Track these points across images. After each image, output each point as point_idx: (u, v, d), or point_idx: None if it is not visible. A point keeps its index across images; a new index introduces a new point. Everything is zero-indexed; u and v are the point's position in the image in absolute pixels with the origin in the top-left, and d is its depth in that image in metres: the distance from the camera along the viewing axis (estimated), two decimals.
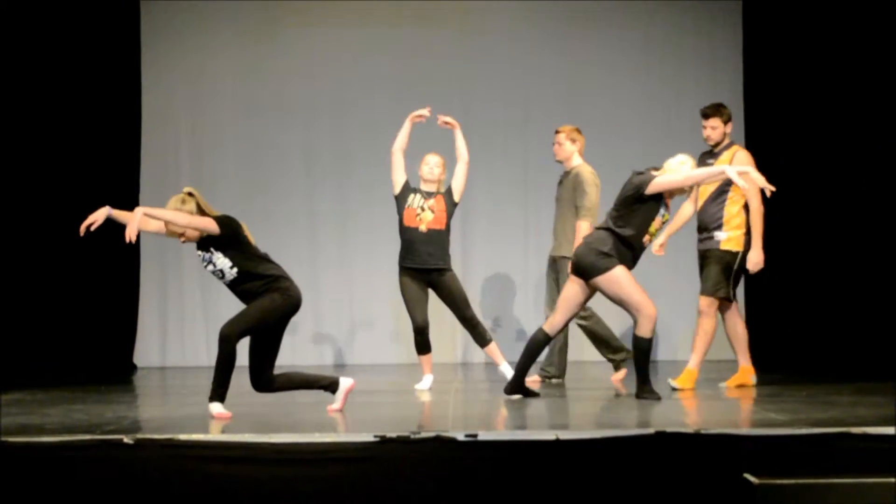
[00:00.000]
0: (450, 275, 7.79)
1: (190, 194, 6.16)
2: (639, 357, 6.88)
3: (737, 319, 7.71)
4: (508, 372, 7.78)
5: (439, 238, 7.73)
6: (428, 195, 7.78)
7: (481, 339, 7.85)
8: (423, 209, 7.72)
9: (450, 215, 7.78)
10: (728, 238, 7.48)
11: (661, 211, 6.87)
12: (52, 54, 9.94)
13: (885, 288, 9.66)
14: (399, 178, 7.86)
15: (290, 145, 10.58)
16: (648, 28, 10.58)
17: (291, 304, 6.20)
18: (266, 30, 10.56)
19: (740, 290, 10.45)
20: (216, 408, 6.14)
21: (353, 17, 10.52)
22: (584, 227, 7.95)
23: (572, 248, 7.98)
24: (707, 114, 7.62)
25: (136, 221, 5.93)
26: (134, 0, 10.48)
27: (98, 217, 6.02)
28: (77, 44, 10.08)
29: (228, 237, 6.14)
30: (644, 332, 6.80)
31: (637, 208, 6.80)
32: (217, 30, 10.59)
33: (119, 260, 10.36)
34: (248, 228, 6.29)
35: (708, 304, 7.52)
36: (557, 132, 8.25)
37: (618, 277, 6.77)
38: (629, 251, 6.83)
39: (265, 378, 6.29)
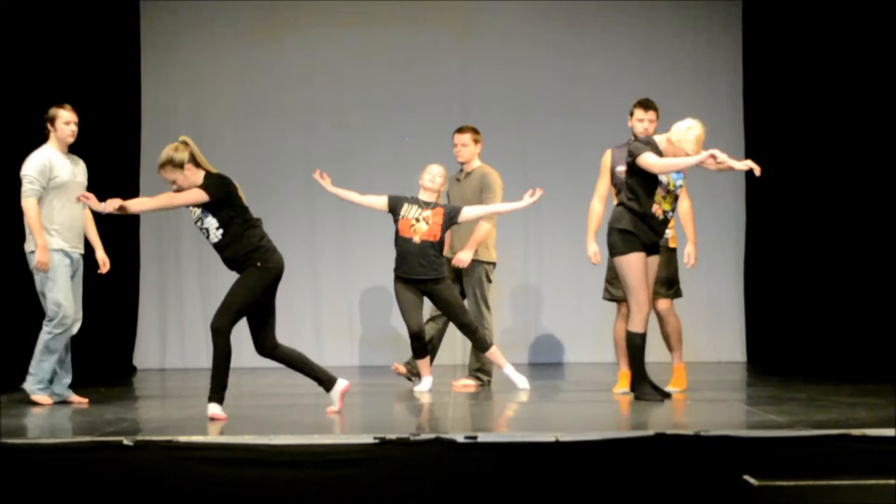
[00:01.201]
0: (445, 283, 7.78)
1: (185, 143, 6.16)
2: (631, 353, 6.88)
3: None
4: (513, 374, 7.76)
5: (432, 249, 7.71)
6: (425, 205, 7.75)
7: (482, 344, 7.83)
8: (417, 220, 7.70)
9: (445, 229, 7.74)
10: (671, 236, 7.49)
11: (664, 179, 6.79)
12: (51, 56, 9.92)
13: (884, 289, 9.66)
14: (379, 202, 7.81)
15: (289, 147, 10.58)
16: (648, 28, 10.58)
17: (273, 275, 6.20)
18: (266, 31, 10.55)
19: (740, 290, 10.49)
20: (214, 409, 6.13)
21: (353, 18, 10.51)
22: (485, 228, 7.98)
23: (467, 248, 7.97)
24: (648, 105, 7.45)
25: (103, 205, 6.00)
26: (134, 1, 10.49)
27: (96, 205, 6.05)
28: (77, 45, 10.06)
29: (220, 200, 6.13)
30: (634, 326, 6.82)
31: (636, 179, 6.79)
32: (217, 31, 10.59)
33: (119, 262, 10.34)
34: (241, 190, 6.26)
35: (669, 305, 7.51)
36: (462, 132, 8.20)
37: (629, 264, 6.78)
38: (643, 224, 6.78)
39: (268, 343, 6.29)
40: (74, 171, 7.27)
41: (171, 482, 4.90)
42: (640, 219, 6.79)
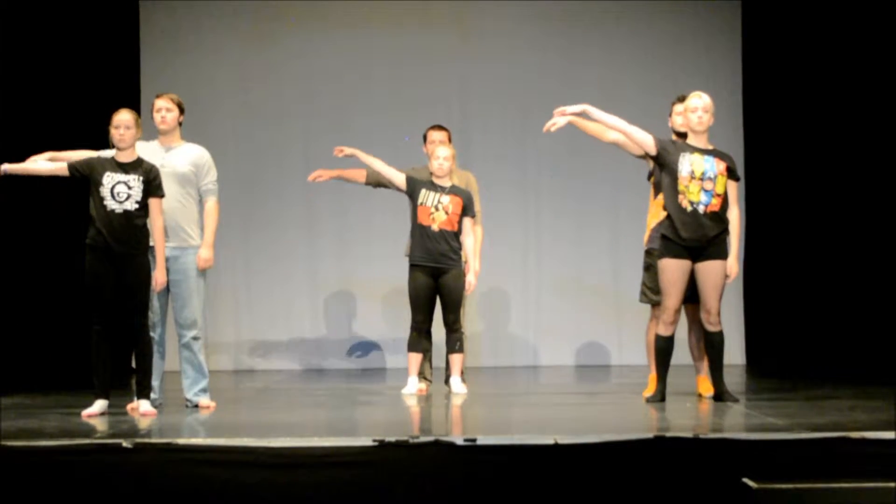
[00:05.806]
0: (455, 272, 7.68)
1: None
2: (654, 355, 6.91)
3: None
4: (457, 384, 7.69)
5: (452, 237, 7.65)
6: (441, 189, 7.67)
7: (450, 346, 7.74)
8: (436, 209, 7.64)
9: (461, 218, 7.70)
10: None
11: (686, 167, 6.67)
12: (50, 57, 9.90)
13: (884, 290, 9.65)
14: (398, 177, 7.71)
15: (289, 148, 10.57)
16: (648, 28, 10.59)
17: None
18: (265, 32, 10.55)
19: (739, 292, 10.49)
20: (147, 405, 6.35)
21: (353, 19, 10.52)
22: (480, 233, 7.93)
23: (477, 262, 7.94)
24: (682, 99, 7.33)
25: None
26: (133, 2, 10.48)
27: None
28: (76, 46, 10.04)
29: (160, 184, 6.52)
30: (657, 329, 6.88)
31: (661, 175, 6.81)
32: (217, 32, 10.58)
33: None
34: None
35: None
36: (444, 131, 8.04)
37: (661, 268, 6.79)
38: (672, 221, 6.70)
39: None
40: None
41: (169, 484, 4.90)
42: (668, 217, 6.75)
